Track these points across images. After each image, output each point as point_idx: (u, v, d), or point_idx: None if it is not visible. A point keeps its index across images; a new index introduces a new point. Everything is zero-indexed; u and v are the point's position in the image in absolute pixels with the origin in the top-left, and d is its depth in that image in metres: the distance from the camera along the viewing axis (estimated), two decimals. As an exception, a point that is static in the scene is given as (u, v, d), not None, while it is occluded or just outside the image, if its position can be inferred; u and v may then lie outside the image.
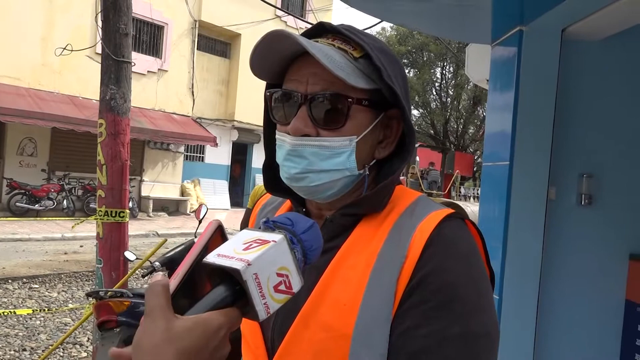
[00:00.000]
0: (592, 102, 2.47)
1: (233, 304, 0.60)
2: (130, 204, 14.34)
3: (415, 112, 34.60)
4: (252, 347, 0.85)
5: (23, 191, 13.12)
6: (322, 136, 0.80)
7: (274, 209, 1.00)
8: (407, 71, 33.67)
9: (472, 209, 13.61)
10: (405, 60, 32.21)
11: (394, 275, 0.73)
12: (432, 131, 31.89)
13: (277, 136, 0.84)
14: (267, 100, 0.85)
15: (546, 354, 2.42)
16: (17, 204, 13.00)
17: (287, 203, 0.97)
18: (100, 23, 3.93)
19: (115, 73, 3.86)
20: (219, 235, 0.70)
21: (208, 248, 0.64)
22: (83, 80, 13.70)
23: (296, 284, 0.63)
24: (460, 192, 26.31)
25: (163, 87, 16.07)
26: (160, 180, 16.52)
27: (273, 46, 0.78)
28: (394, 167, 0.85)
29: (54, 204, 13.49)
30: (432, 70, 31.74)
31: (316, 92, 0.78)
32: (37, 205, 13.19)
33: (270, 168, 0.92)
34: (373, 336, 0.72)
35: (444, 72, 31.57)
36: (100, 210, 4.05)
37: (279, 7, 17.85)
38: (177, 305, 0.59)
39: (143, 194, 15.94)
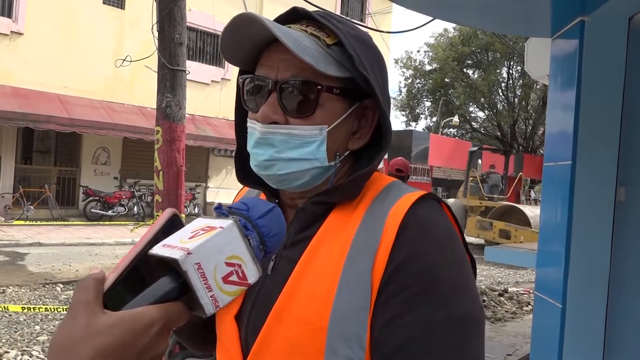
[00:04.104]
0: (665, 95, 2.26)
1: (178, 298, 0.55)
2: (196, 210, 14.89)
3: (480, 113, 33.68)
4: (227, 345, 0.81)
5: (97, 198, 13.91)
6: (292, 124, 0.77)
7: None
8: (471, 72, 32.60)
9: (536, 212, 12.99)
10: (470, 61, 31.44)
11: (368, 263, 0.70)
12: (498, 133, 30.90)
13: (248, 124, 0.82)
14: (239, 86, 0.83)
15: (617, 369, 2.22)
16: (92, 210, 13.81)
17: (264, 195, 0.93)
18: (156, 34, 4.07)
19: (170, 81, 3.99)
20: (179, 225, 0.65)
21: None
22: (151, 91, 14.26)
23: (252, 275, 0.57)
24: (530, 196, 25.19)
25: (226, 96, 16.49)
26: (225, 187, 16.94)
27: (244, 31, 0.76)
28: (374, 157, 0.81)
29: (125, 210, 14.20)
30: (498, 71, 30.78)
31: (286, 79, 0.76)
32: (110, 212, 13.91)
33: (242, 157, 0.89)
34: (350, 328, 0.69)
35: (510, 71, 30.55)
36: (158, 215, 4.15)
37: (339, 13, 17.90)
38: (118, 300, 0.54)
39: (208, 199, 16.42)
